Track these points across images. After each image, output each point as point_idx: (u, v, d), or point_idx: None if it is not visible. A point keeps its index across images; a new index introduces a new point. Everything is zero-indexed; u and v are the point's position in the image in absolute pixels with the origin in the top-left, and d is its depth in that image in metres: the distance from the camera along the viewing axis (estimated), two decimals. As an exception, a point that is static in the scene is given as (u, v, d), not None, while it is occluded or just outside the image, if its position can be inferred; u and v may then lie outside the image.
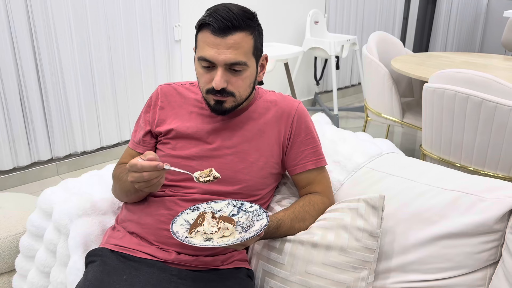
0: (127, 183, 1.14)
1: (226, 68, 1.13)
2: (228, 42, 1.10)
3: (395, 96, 2.77)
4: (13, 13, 2.48)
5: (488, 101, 1.87)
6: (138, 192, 1.16)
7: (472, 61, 2.96)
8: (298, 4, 4.08)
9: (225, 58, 1.10)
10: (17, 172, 2.76)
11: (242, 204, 1.13)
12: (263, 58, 1.23)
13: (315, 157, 1.27)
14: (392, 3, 5.07)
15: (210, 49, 1.11)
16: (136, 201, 1.24)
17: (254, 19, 1.16)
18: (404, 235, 1.16)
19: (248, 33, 1.13)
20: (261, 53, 1.21)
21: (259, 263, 1.21)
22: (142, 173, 1.00)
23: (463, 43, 6.40)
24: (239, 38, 1.10)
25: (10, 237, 1.60)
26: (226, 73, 1.13)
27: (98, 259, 1.14)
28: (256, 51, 1.16)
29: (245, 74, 1.15)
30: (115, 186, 1.26)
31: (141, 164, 1.00)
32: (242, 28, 1.11)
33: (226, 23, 1.09)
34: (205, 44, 1.12)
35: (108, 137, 3.09)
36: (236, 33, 1.10)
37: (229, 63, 1.11)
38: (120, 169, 1.25)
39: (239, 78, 1.15)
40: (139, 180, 1.01)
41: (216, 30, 1.09)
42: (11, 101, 2.60)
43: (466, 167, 2.08)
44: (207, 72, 1.15)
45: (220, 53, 1.10)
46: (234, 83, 1.15)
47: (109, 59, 2.94)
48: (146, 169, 1.00)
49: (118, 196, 1.27)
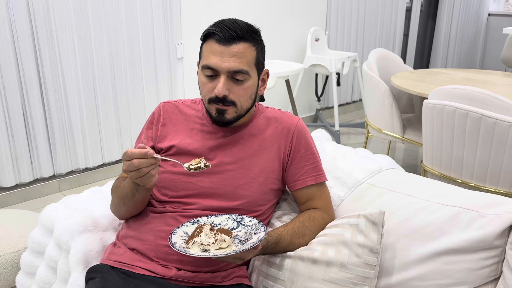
0: (124, 188, 1.16)
1: (229, 77, 1.15)
2: (232, 51, 1.13)
3: (395, 112, 2.79)
4: (18, 32, 2.52)
5: (488, 117, 1.88)
6: (135, 195, 1.15)
7: (472, 77, 2.98)
8: (299, 21, 4.13)
9: (229, 65, 1.13)
10: (19, 188, 2.77)
11: (242, 219, 1.14)
12: (265, 72, 1.26)
13: (315, 172, 1.28)
14: (393, 20, 5.12)
15: (214, 57, 1.14)
16: (134, 213, 1.24)
17: (258, 33, 1.20)
18: (405, 251, 1.16)
19: (252, 45, 1.17)
20: (263, 67, 1.25)
21: (259, 279, 1.20)
22: (132, 161, 1.02)
23: (463, 60, 6.44)
24: (243, 47, 1.14)
25: (11, 253, 1.60)
26: (228, 82, 1.16)
27: (98, 275, 1.14)
28: (258, 63, 1.20)
29: (247, 84, 1.18)
30: (113, 199, 1.26)
31: (131, 151, 1.03)
32: (246, 39, 1.15)
33: (231, 33, 1.13)
34: (210, 53, 1.15)
35: (110, 154, 3.10)
36: (240, 42, 1.14)
37: (232, 71, 1.14)
38: (117, 181, 1.27)
39: (241, 88, 1.17)
40: (130, 169, 1.04)
41: (221, 39, 1.13)
42: (15, 118, 2.62)
43: (467, 183, 2.08)
44: (210, 81, 1.17)
45: (224, 60, 1.13)
46: (235, 92, 1.17)
47: (111, 77, 2.97)
48: (136, 156, 1.02)
49: (116, 207, 1.26)
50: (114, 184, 1.28)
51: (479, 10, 6.34)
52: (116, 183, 1.27)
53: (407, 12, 5.39)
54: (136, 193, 1.14)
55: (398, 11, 5.14)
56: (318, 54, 4.07)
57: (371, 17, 4.82)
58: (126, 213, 1.26)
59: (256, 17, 3.73)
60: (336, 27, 4.47)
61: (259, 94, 1.27)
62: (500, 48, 6.12)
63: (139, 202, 1.20)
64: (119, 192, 1.21)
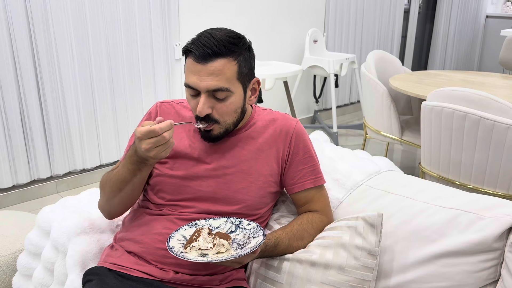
0: (120, 172, 1.14)
1: (210, 95, 1.13)
2: (209, 69, 1.10)
3: (393, 114, 2.79)
4: (15, 33, 2.52)
5: (486, 119, 1.88)
6: (135, 175, 1.13)
7: (471, 79, 2.98)
8: (297, 23, 4.13)
9: (207, 85, 1.11)
10: (16, 190, 2.76)
11: (240, 222, 1.13)
12: (254, 81, 1.22)
13: (313, 175, 1.27)
14: (391, 22, 5.13)
15: (192, 75, 1.12)
16: (127, 203, 1.21)
17: (241, 43, 1.14)
18: (403, 253, 1.16)
19: (231, 59, 1.12)
20: (250, 77, 1.20)
21: (257, 282, 1.20)
22: (163, 134, 1.02)
23: (461, 62, 6.45)
24: (220, 64, 1.10)
25: (8, 255, 1.59)
26: (210, 100, 1.13)
27: (95, 278, 1.13)
28: (241, 76, 1.15)
29: (230, 100, 1.15)
30: (103, 193, 1.22)
31: (159, 127, 1.01)
32: (224, 54, 1.10)
33: (206, 50, 1.09)
34: (189, 71, 1.13)
35: (107, 155, 3.09)
36: (217, 59, 1.10)
37: (211, 90, 1.11)
38: (106, 175, 1.23)
39: (224, 105, 1.14)
40: (158, 144, 1.02)
41: (197, 57, 1.10)
42: (12, 119, 2.61)
43: (465, 185, 2.08)
44: (194, 99, 1.16)
45: (202, 79, 1.10)
46: (219, 109, 1.15)
47: (109, 78, 2.96)
48: (165, 129, 1.02)
49: (108, 199, 1.21)
50: (103, 179, 1.24)
51: (477, 12, 6.36)
52: (104, 178, 1.23)
53: (405, 14, 5.40)
54: (138, 173, 1.12)
55: (396, 13, 5.14)
56: (316, 56, 4.07)
57: (369, 18, 4.83)
58: (120, 203, 1.21)
59: (254, 19, 3.73)
60: (334, 29, 4.48)
61: (250, 103, 1.24)
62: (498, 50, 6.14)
63: (136, 186, 1.17)
64: (113, 179, 1.17)
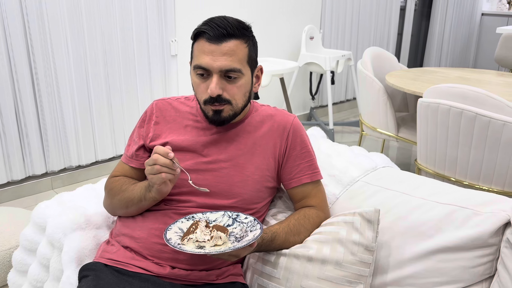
0: (133, 192, 1.17)
1: (221, 76, 1.14)
2: (223, 49, 1.11)
3: (390, 111, 2.79)
4: (10, 28, 2.49)
5: (482, 115, 1.89)
6: (141, 202, 1.16)
7: (466, 76, 2.99)
8: (294, 20, 4.12)
9: (220, 64, 1.12)
10: (11, 186, 2.74)
11: (238, 215, 1.13)
12: (258, 69, 1.25)
13: (310, 171, 1.27)
14: (387, 19, 5.13)
15: (205, 56, 1.12)
16: (132, 215, 1.23)
17: (249, 30, 1.18)
18: (400, 249, 1.16)
19: (243, 41, 1.15)
20: (256, 64, 1.23)
21: (254, 277, 1.20)
22: (154, 166, 1.06)
23: (457, 59, 6.47)
24: (234, 45, 1.13)
25: (3, 251, 1.58)
26: (221, 80, 1.14)
27: (91, 273, 1.13)
28: (250, 60, 1.18)
29: (240, 82, 1.16)
30: (112, 198, 1.25)
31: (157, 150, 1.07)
32: (237, 36, 1.13)
33: (221, 31, 1.11)
34: (201, 52, 1.13)
35: (103, 151, 3.08)
36: (231, 40, 1.12)
37: (224, 70, 1.13)
38: (119, 182, 1.24)
39: (234, 86, 1.16)
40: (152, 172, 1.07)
41: (211, 37, 1.12)
42: (6, 115, 2.59)
43: (461, 181, 2.09)
44: (203, 81, 1.16)
45: (215, 59, 1.12)
46: (229, 91, 1.16)
47: (105, 74, 2.94)
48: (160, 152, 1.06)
49: (114, 208, 1.26)
50: (113, 184, 1.26)
51: (472, 9, 6.37)
52: (115, 184, 1.25)
53: (401, 11, 5.41)
54: (143, 201, 1.15)
55: (392, 10, 5.15)
56: (312, 53, 4.07)
57: (366, 16, 4.83)
58: (124, 215, 1.25)
59: (250, 15, 3.72)
60: (330, 26, 4.47)
61: (254, 91, 1.26)
62: (493, 47, 6.16)
63: (142, 208, 1.20)
64: (124, 195, 1.20)
